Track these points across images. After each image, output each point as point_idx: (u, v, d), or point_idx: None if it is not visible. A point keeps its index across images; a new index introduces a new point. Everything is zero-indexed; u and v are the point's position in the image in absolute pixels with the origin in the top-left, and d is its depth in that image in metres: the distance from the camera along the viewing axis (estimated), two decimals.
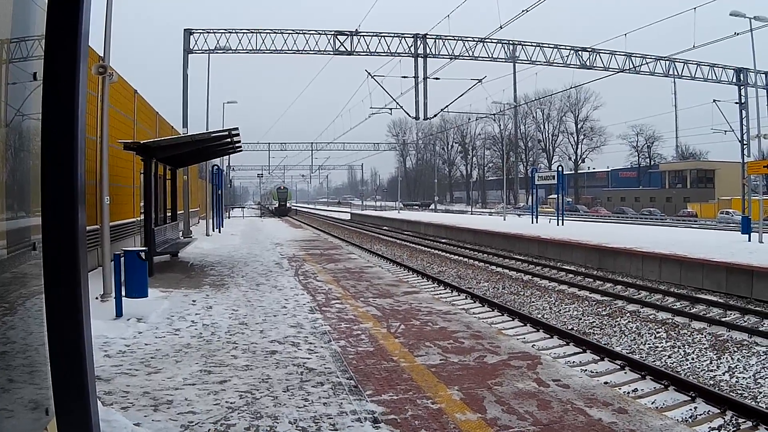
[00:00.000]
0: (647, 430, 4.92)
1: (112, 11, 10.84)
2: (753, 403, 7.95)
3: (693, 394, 8.20)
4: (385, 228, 51.64)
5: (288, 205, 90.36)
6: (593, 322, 13.26)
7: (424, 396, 5.77)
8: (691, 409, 7.85)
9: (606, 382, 8.15)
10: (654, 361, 10.12)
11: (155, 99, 23.69)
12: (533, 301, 15.89)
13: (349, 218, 74.12)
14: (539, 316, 13.84)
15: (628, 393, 8.22)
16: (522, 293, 17.19)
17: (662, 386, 8.68)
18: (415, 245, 33.60)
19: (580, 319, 13.66)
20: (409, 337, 8.21)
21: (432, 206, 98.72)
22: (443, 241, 35.57)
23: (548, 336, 11.76)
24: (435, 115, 38.94)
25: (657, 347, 11.08)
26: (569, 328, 12.56)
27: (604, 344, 11.00)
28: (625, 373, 9.38)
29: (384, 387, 6.04)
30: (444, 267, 23.83)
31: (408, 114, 37.04)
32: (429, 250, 30.70)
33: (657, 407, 7.54)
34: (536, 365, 6.81)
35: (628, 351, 10.74)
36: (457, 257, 26.82)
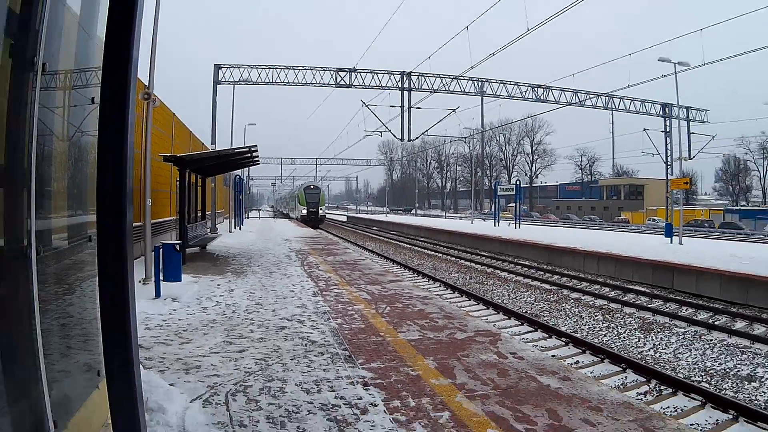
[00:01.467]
0: (586, 394, 4.95)
1: (157, 47, 10.84)
2: (673, 373, 8.03)
3: (624, 366, 8.28)
4: (375, 228, 51.62)
5: (321, 212, 53.08)
6: (543, 306, 13.33)
7: (406, 365, 5.77)
8: (622, 378, 7.92)
9: (553, 356, 8.18)
10: (593, 338, 10.19)
11: (187, 113, 23.46)
12: (495, 289, 15.95)
13: (346, 220, 74.11)
14: (500, 301, 13.89)
15: (571, 364, 8.27)
16: (486, 282, 17.24)
17: (599, 359, 8.75)
18: (399, 243, 33.61)
19: (533, 304, 13.72)
20: (393, 317, 8.20)
21: (413, 211, 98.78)
22: (422, 239, 35.59)
23: (507, 317, 11.81)
24: (416, 138, 39.24)
25: (595, 327, 11.16)
26: (524, 311, 12.62)
27: (552, 324, 11.06)
28: (569, 348, 9.44)
29: (373, 357, 6.04)
30: (422, 260, 23.85)
31: (395, 136, 37.19)
32: (410, 246, 30.69)
33: (595, 376, 7.59)
34: (497, 341, 6.83)
35: (571, 330, 10.81)
36: (433, 253, 26.84)
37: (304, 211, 51.45)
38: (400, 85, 36.70)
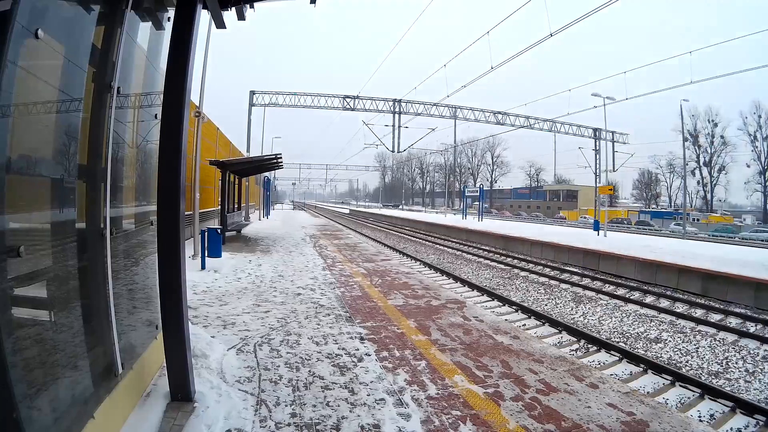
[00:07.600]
0: (531, 350, 5.00)
1: (206, 75, 10.74)
2: (598, 335, 8.12)
3: (560, 329, 8.35)
4: (371, 219, 51.42)
5: None
6: (499, 281, 13.38)
7: (393, 324, 5.80)
8: (559, 338, 7.99)
9: (506, 319, 8.26)
10: (536, 307, 10.25)
11: (226, 122, 22.98)
12: (462, 267, 15.97)
13: (348, 212, 73.76)
14: (466, 277, 13.90)
15: (520, 326, 8.34)
16: (455, 262, 17.26)
17: (541, 323, 8.82)
18: (389, 231, 33.55)
19: (491, 279, 13.76)
20: (383, 287, 8.22)
21: (400, 207, 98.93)
22: (407, 228, 35.55)
23: (471, 289, 11.85)
24: (404, 150, 38.79)
25: (539, 299, 11.23)
26: (484, 285, 12.66)
27: (506, 296, 11.12)
28: (518, 314, 9.50)
29: (367, 318, 6.06)
30: (406, 245, 23.82)
31: (387, 148, 36.87)
32: (397, 234, 30.63)
33: (537, 336, 7.65)
34: (463, 307, 6.87)
35: (520, 300, 10.87)
36: (415, 239, 26.82)
37: None
38: (392, 109, 36.55)
